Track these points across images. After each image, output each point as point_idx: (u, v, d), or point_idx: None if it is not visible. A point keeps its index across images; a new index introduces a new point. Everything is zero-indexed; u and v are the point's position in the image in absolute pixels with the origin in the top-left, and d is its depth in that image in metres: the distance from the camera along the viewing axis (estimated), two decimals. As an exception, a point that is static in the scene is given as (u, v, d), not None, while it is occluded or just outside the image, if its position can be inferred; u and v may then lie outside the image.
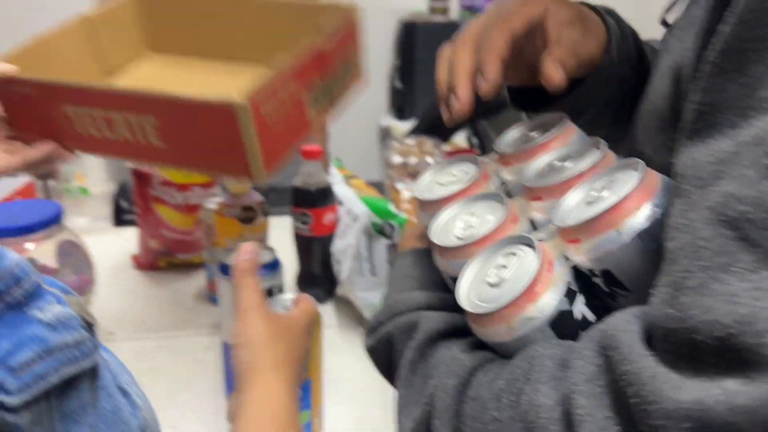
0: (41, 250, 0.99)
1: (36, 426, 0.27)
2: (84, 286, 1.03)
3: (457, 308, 0.42)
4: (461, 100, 0.51)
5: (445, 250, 0.44)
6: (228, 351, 0.79)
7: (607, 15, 0.57)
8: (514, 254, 0.41)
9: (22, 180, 1.31)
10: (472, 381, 0.38)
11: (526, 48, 0.52)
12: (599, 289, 0.40)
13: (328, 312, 1.02)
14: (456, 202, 0.47)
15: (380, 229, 0.98)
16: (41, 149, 0.69)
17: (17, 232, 0.93)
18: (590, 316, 0.40)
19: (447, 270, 0.45)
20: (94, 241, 1.09)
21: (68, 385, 0.29)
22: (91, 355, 0.30)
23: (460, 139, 1.77)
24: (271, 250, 0.75)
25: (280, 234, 1.08)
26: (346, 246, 1.00)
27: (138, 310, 1.07)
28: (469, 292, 0.41)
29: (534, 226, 0.45)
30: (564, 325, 0.38)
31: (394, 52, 2.69)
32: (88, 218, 1.43)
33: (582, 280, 0.40)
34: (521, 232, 0.44)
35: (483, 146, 1.60)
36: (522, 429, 0.33)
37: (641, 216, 0.37)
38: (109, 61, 0.84)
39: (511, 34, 0.50)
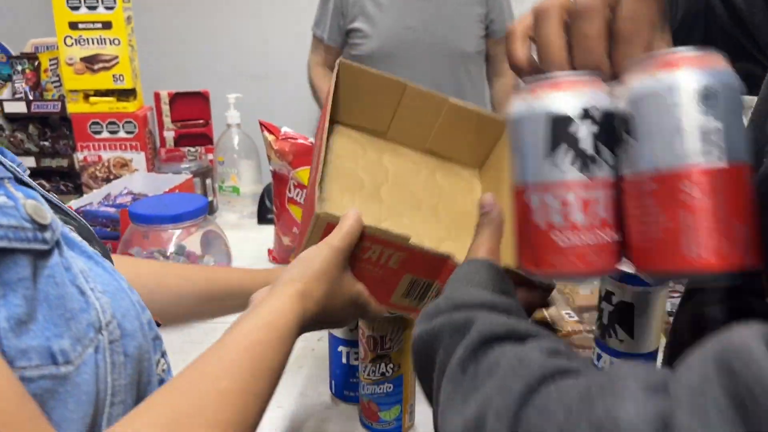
0: (189, 237, 1.13)
1: None
2: (221, 273, 1.16)
3: (519, 315, 0.43)
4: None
5: None
6: (335, 342, 0.86)
7: None
8: None
9: (184, 176, 1.48)
10: (541, 389, 0.36)
11: None
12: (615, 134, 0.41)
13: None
14: None
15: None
16: None
17: (168, 220, 1.07)
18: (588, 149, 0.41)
19: None
20: (240, 235, 1.21)
21: (6, 257, 0.36)
22: (30, 241, 0.37)
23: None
24: None
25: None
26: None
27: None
28: None
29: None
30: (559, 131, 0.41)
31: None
32: (238, 215, 1.57)
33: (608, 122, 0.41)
34: None
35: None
36: None
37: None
38: None
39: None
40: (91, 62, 1.57)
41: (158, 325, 0.51)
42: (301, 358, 0.99)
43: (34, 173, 1.57)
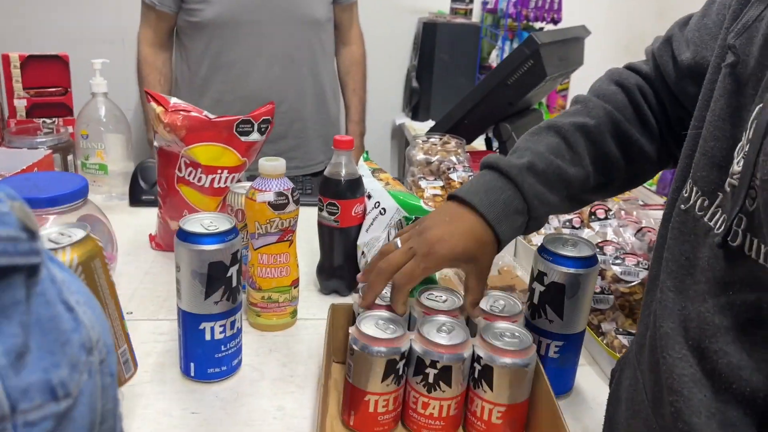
0: (63, 223, 0.98)
1: None
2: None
3: None
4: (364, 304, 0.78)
5: None
6: (186, 318, 0.80)
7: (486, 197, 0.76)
8: None
9: (41, 152, 1.29)
10: None
11: None
12: None
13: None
14: None
15: (412, 224, 0.97)
16: None
17: (43, 204, 0.92)
18: None
19: None
20: (111, 219, 1.08)
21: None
22: (27, 256, 0.30)
23: (480, 141, 1.76)
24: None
25: (304, 224, 1.06)
26: (372, 239, 0.99)
27: (156, 290, 1.05)
28: None
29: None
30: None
31: (413, 51, 2.68)
32: (104, 196, 1.41)
33: None
34: None
35: (504, 148, 1.59)
36: None
37: None
38: None
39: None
40: None
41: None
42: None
43: None
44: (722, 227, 0.49)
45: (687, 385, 0.51)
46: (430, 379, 0.71)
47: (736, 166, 0.49)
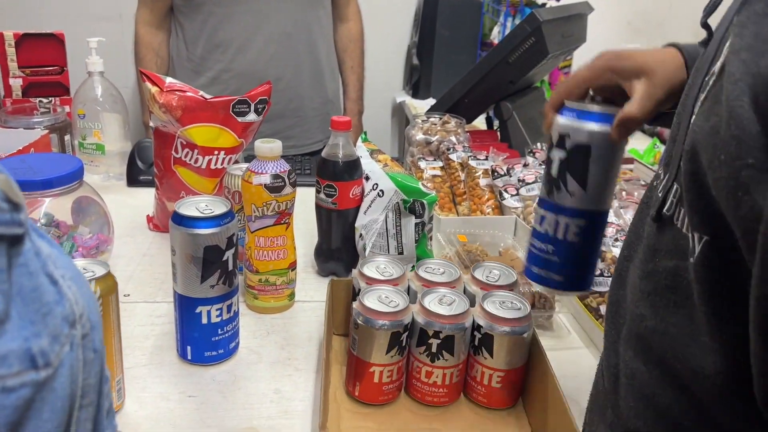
0: (58, 205, 0.97)
1: None
2: (101, 244, 1.02)
3: None
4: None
5: None
6: (182, 302, 0.79)
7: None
8: None
9: (38, 132, 1.28)
10: None
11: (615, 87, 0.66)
12: None
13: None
14: None
15: (411, 207, 0.96)
16: None
17: (37, 186, 0.91)
18: None
19: None
20: (109, 199, 1.07)
21: None
22: (8, 226, 0.32)
23: (481, 120, 1.75)
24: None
25: (302, 205, 1.06)
26: (370, 221, 0.99)
27: (154, 272, 1.05)
28: None
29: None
30: None
31: (414, 28, 2.65)
32: (102, 176, 1.40)
33: None
34: None
35: (504, 127, 1.57)
36: None
37: None
38: None
39: (564, 91, 0.67)
40: None
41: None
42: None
43: None
44: (661, 198, 0.52)
45: (623, 347, 0.55)
46: (433, 349, 0.74)
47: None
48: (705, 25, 0.54)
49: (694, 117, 0.46)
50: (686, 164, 0.45)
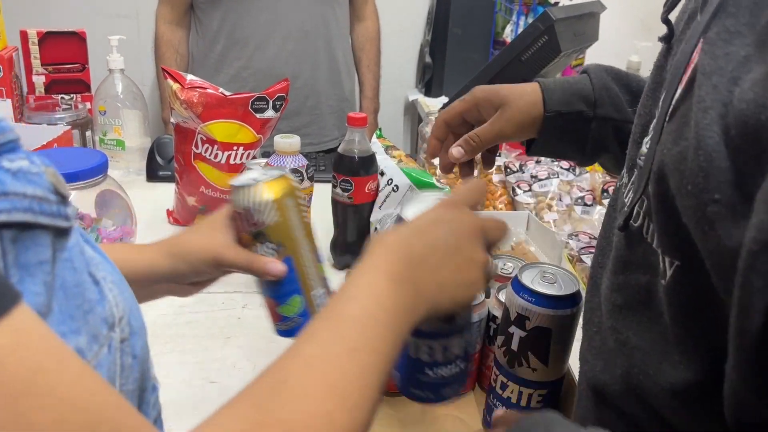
0: (83, 198, 1.00)
1: None
2: (125, 236, 1.05)
3: None
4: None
5: None
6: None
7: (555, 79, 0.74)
8: None
9: (60, 128, 1.32)
10: None
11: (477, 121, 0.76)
12: None
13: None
14: None
15: (425, 201, 0.98)
16: None
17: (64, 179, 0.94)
18: None
19: None
20: (129, 194, 1.10)
21: (25, 234, 0.30)
22: (54, 217, 0.31)
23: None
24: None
25: (317, 200, 1.08)
26: (385, 216, 1.01)
27: (174, 264, 1.08)
28: None
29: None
30: None
31: (427, 26, 2.67)
32: (122, 171, 1.43)
33: None
34: None
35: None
36: None
37: None
38: None
39: (443, 120, 0.78)
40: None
41: None
42: (227, 328, 0.92)
43: None
44: (627, 208, 0.49)
45: (592, 356, 0.54)
46: None
47: (644, 147, 0.49)
48: (666, 20, 0.52)
49: (662, 135, 0.43)
50: (654, 185, 0.43)
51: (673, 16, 0.53)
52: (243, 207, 0.59)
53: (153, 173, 1.42)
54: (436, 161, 1.34)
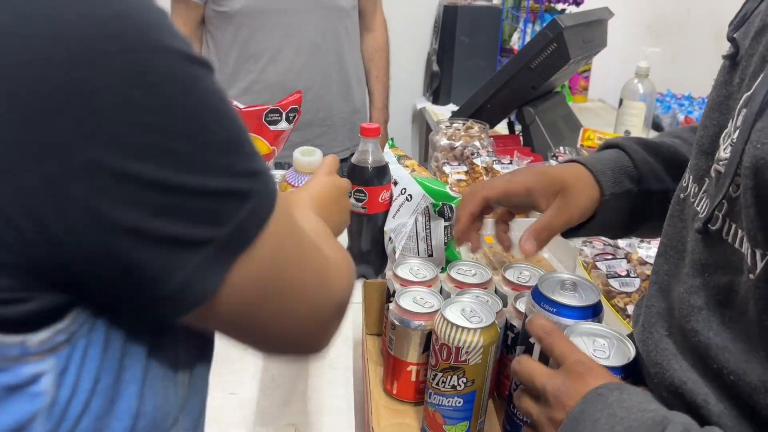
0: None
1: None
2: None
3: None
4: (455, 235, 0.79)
5: None
6: None
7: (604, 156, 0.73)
8: None
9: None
10: None
11: (518, 206, 0.77)
12: None
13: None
14: None
15: (440, 211, 0.99)
16: None
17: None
18: None
19: None
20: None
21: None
22: None
23: (503, 125, 1.77)
24: None
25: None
26: (399, 225, 1.02)
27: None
28: None
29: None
30: None
31: (434, 34, 2.68)
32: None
33: None
34: None
35: (527, 132, 1.60)
36: None
37: None
38: None
39: (483, 198, 0.75)
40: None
41: None
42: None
43: None
44: (705, 212, 0.51)
45: (666, 358, 0.54)
46: None
47: (723, 153, 0.51)
48: (731, 38, 0.55)
49: (751, 133, 0.46)
50: (749, 180, 0.44)
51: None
52: (454, 345, 0.67)
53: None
54: (447, 169, 1.34)
